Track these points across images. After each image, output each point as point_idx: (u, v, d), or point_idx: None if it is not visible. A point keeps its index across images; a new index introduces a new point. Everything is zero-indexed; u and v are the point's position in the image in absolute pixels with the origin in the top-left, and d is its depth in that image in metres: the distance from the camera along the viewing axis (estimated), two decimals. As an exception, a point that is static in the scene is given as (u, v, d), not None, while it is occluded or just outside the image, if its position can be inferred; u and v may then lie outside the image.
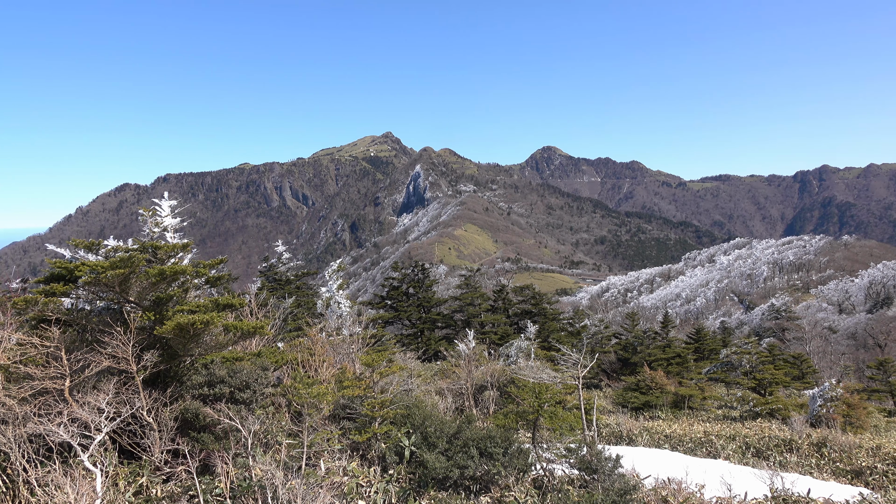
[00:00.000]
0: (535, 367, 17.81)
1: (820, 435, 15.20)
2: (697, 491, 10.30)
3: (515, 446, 9.97)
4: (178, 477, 8.88)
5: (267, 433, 10.28)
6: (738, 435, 15.99)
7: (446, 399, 16.00)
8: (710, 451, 14.98)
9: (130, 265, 8.76)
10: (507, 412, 11.25)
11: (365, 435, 10.22)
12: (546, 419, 9.93)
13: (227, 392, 9.68)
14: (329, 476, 9.58)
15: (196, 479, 7.88)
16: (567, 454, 9.93)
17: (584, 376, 11.89)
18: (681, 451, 14.97)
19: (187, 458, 8.31)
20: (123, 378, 9.42)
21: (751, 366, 24.99)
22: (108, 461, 8.52)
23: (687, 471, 11.25)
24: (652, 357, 30.36)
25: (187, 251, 10.90)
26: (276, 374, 13.01)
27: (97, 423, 7.96)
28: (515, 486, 9.81)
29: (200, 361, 10.33)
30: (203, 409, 9.40)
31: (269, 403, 11.13)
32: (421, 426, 10.63)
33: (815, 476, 12.66)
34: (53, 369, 8.80)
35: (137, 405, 8.83)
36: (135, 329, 9.25)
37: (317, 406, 9.91)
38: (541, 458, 10.05)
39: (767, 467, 12.61)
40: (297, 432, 10.36)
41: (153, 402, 9.27)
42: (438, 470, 9.31)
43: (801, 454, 14.30)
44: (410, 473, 9.92)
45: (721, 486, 10.68)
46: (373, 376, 11.17)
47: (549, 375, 15.12)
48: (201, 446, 9.02)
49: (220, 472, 8.29)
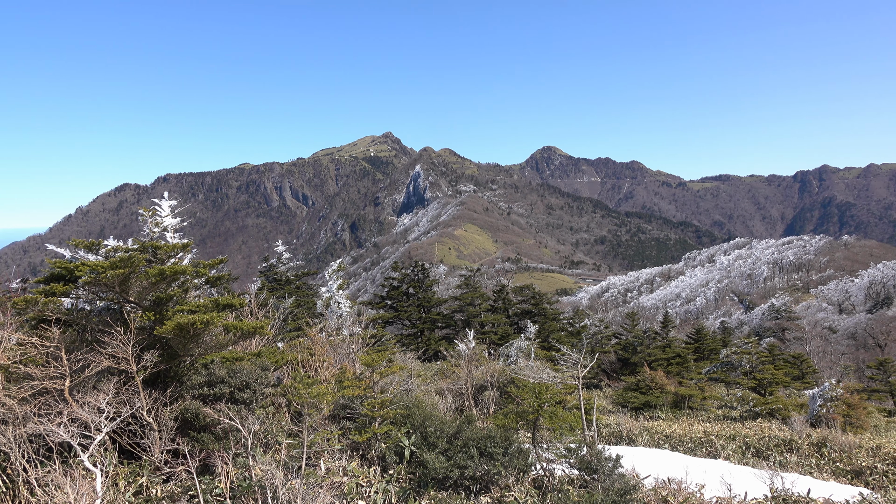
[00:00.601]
0: (535, 367, 17.82)
1: (820, 435, 15.20)
2: (697, 491, 10.30)
3: (515, 446, 9.97)
4: (178, 477, 8.88)
5: (267, 433, 10.28)
6: (738, 435, 15.99)
7: (446, 399, 16.00)
8: (710, 451, 14.98)
9: (130, 265, 8.76)
10: (507, 412, 11.25)
11: (365, 435, 10.22)
12: (546, 419, 9.93)
13: (227, 392, 9.68)
14: (329, 476, 9.58)
15: (196, 479, 7.88)
16: (567, 454, 9.93)
17: (584, 376, 11.89)
18: (681, 451, 14.97)
19: (187, 458, 8.31)
20: (123, 378, 9.42)
21: (751, 366, 24.99)
22: (108, 461, 8.52)
23: (687, 471, 11.25)
24: (652, 357, 30.36)
25: (187, 251, 10.90)
26: (276, 374, 13.01)
27: (97, 423, 7.96)
28: (515, 486, 9.81)
29: (200, 361, 10.33)
30: (203, 409, 9.41)
31: (269, 403, 11.14)
32: (421, 426, 10.63)
33: (815, 476, 12.66)
34: (53, 369, 8.80)
35: (137, 405, 8.83)
36: (135, 329, 9.25)
37: (317, 406, 9.90)
38: (541, 458, 10.05)
39: (767, 467, 12.61)
40: (297, 432, 10.36)
41: (153, 402, 9.26)
42: (438, 470, 9.31)
43: (801, 454, 14.30)
44: (410, 473, 9.92)
45: (721, 486, 10.68)
46: (373, 376, 11.17)
47: (549, 375, 15.13)
48: (201, 446, 9.02)
49: (220, 472, 8.30)
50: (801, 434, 15.56)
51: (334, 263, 21.54)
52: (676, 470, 11.47)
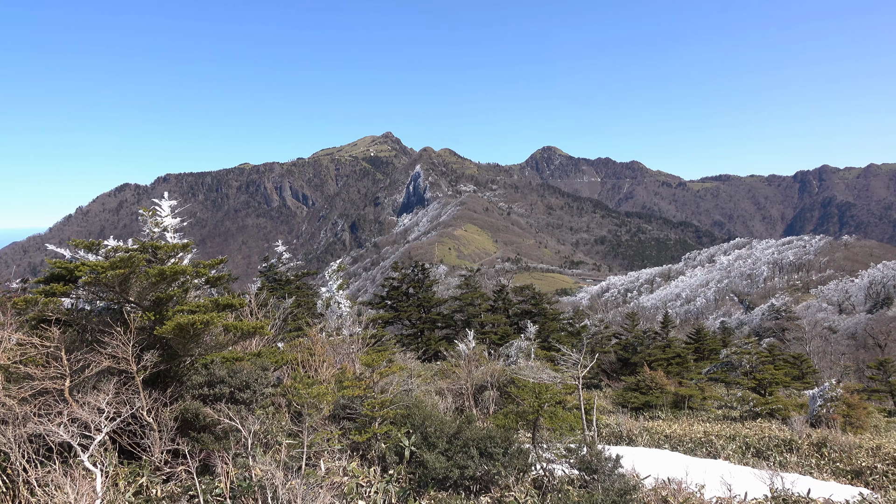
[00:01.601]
0: (536, 367, 17.81)
1: (820, 435, 15.20)
2: (697, 491, 10.30)
3: (515, 446, 9.97)
4: (178, 477, 8.88)
5: (267, 433, 10.28)
6: (738, 435, 15.99)
7: (446, 399, 16.00)
8: (710, 451, 14.98)
9: (130, 265, 8.76)
10: (507, 412, 11.25)
11: (365, 435, 10.22)
12: (546, 419, 9.93)
13: (227, 392, 9.68)
14: (329, 476, 9.58)
15: (196, 479, 7.88)
16: (567, 454, 9.93)
17: (584, 376, 11.89)
18: (681, 451, 14.97)
19: (187, 458, 8.31)
20: (123, 378, 9.42)
21: (751, 366, 24.99)
22: (108, 461, 8.52)
23: (687, 471, 11.25)
24: (652, 357, 30.35)
25: (187, 251, 10.90)
26: (276, 374, 13.01)
27: (97, 423, 7.96)
28: (515, 486, 9.81)
29: (200, 361, 10.33)
30: (203, 410, 9.41)
31: (269, 403, 11.13)
32: (421, 426, 10.63)
33: (815, 476, 12.66)
34: (53, 369, 8.80)
35: (137, 405, 8.83)
36: (135, 329, 9.25)
37: (317, 406, 9.90)
38: (541, 458, 10.05)
39: (767, 467, 12.61)
40: (297, 432, 10.36)
41: (153, 402, 9.26)
42: (438, 470, 9.31)
43: (801, 454, 14.30)
44: (410, 473, 9.91)
45: (721, 486, 10.68)
46: (373, 376, 11.16)
47: (549, 375, 15.12)
48: (201, 446, 9.02)
49: (220, 472, 8.30)
50: (801, 434, 15.56)
51: (334, 263, 21.54)
52: (676, 470, 11.47)
